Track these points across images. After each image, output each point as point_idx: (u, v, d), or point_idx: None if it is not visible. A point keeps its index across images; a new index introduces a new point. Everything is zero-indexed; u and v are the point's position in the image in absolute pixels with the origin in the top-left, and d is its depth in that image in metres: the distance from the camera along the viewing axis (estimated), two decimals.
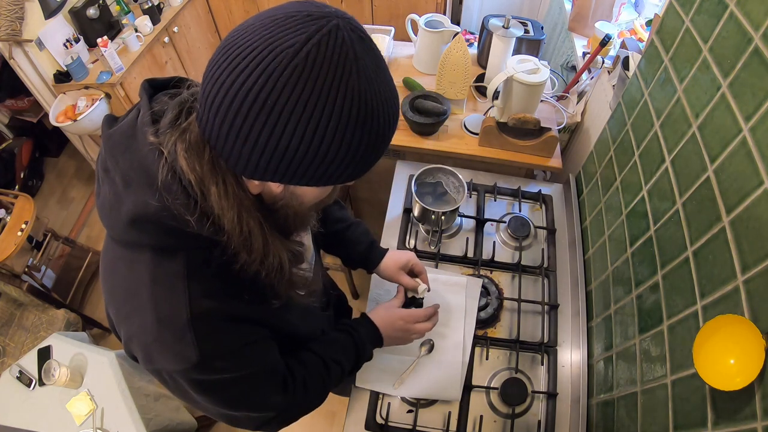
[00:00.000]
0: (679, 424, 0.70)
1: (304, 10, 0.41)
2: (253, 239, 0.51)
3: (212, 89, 0.42)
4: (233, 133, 0.42)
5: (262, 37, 0.40)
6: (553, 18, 2.14)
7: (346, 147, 0.44)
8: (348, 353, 0.80)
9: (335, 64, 0.40)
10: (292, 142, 0.42)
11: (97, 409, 1.30)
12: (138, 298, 0.52)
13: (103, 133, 0.52)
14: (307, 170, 0.45)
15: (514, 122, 1.34)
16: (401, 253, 0.97)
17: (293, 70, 0.39)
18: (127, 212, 0.48)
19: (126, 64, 2.30)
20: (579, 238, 1.25)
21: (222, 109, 0.41)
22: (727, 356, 0.57)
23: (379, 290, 1.12)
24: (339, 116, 0.42)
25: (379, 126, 0.45)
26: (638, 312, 0.89)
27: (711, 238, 0.68)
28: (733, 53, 0.68)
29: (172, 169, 0.46)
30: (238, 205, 0.48)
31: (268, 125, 0.41)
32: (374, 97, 0.44)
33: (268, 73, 0.40)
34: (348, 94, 0.41)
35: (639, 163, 0.97)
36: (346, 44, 0.41)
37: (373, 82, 0.43)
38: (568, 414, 1.01)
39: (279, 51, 0.40)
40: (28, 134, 2.73)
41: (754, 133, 0.62)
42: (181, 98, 0.49)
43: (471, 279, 1.13)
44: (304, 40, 0.40)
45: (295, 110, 0.40)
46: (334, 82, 0.41)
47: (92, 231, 2.59)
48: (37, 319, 1.76)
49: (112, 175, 0.50)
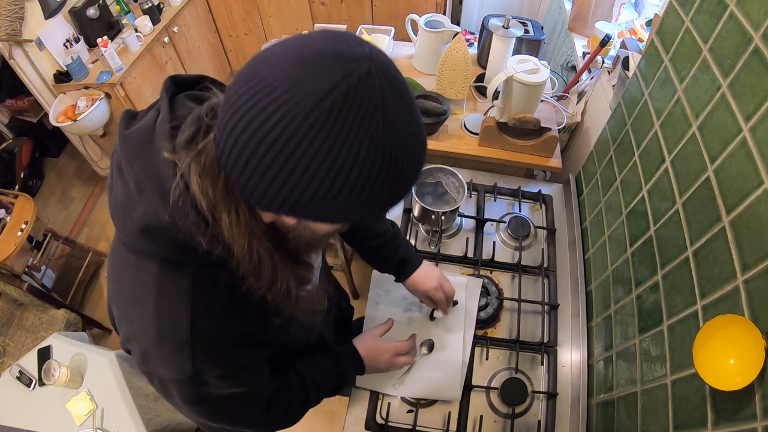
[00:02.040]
0: (679, 424, 0.70)
1: (335, 49, 0.38)
2: (262, 267, 0.50)
3: (231, 119, 0.40)
4: (249, 167, 0.40)
5: (286, 75, 0.38)
6: (553, 18, 2.14)
7: (366, 194, 0.42)
8: (329, 380, 0.83)
9: (360, 117, 0.38)
10: (309, 187, 0.40)
11: (97, 409, 1.30)
12: (142, 306, 0.52)
13: (121, 130, 0.51)
14: (322, 211, 0.43)
15: (514, 122, 1.34)
16: (431, 275, 0.98)
17: (315, 121, 0.37)
18: (138, 219, 0.48)
19: (126, 64, 2.31)
20: (579, 238, 1.25)
21: (240, 142, 0.39)
22: (727, 356, 0.57)
23: (379, 290, 1.12)
24: (360, 169, 0.39)
25: (402, 175, 0.43)
26: (638, 312, 0.89)
27: (711, 238, 0.68)
28: (733, 53, 0.68)
29: (185, 188, 0.45)
30: (250, 233, 0.47)
31: (285, 169, 0.39)
32: (400, 149, 0.41)
33: (288, 118, 0.37)
34: (371, 149, 0.39)
35: (639, 163, 0.97)
36: (375, 95, 0.38)
37: (400, 134, 0.41)
38: (568, 414, 1.01)
39: (302, 96, 0.37)
40: (28, 134, 2.73)
41: (754, 133, 0.62)
42: (199, 113, 0.46)
43: (471, 279, 1.13)
44: (329, 88, 0.37)
45: (314, 160, 0.38)
46: (357, 137, 0.38)
47: (92, 231, 2.59)
48: (37, 319, 1.76)
49: (126, 177, 0.49)
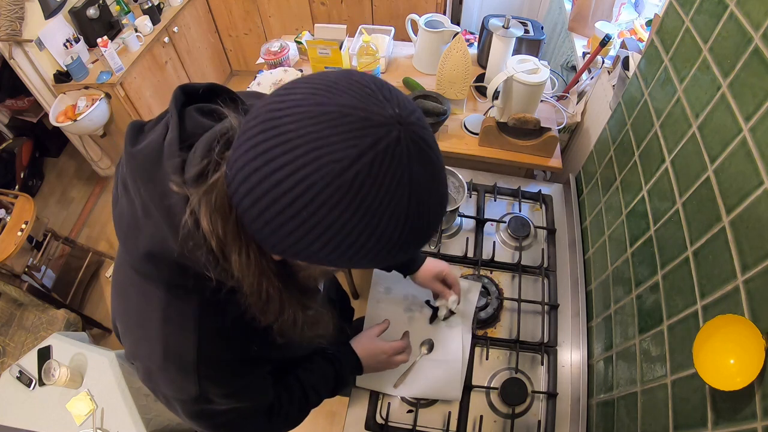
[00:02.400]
0: (679, 424, 0.70)
1: (362, 109, 0.36)
2: (270, 304, 0.49)
3: (245, 167, 0.37)
4: (262, 219, 0.38)
5: (309, 134, 0.35)
6: (553, 18, 2.14)
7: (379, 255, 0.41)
8: (328, 383, 0.83)
9: (386, 187, 0.36)
10: (324, 247, 0.39)
11: (97, 409, 1.30)
12: (147, 329, 0.52)
13: (127, 146, 0.49)
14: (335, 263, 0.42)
15: (514, 122, 1.34)
16: (435, 262, 1.00)
17: (337, 189, 0.35)
18: (144, 244, 0.47)
19: (126, 64, 2.31)
20: (579, 238, 1.25)
21: (254, 194, 0.37)
22: (727, 356, 0.57)
23: (380, 289, 1.12)
24: (379, 237, 0.38)
25: (422, 236, 0.42)
26: (638, 312, 0.89)
27: (711, 238, 0.68)
28: (733, 53, 0.68)
29: (195, 225, 0.42)
30: (260, 273, 0.45)
31: (301, 229, 0.37)
32: (423, 214, 0.40)
33: (308, 183, 0.35)
34: (394, 217, 0.37)
35: (639, 163, 0.97)
36: (402, 164, 0.36)
37: (424, 201, 0.39)
38: (568, 414, 1.01)
39: (324, 162, 0.35)
40: (28, 134, 2.73)
41: (754, 133, 0.62)
42: (210, 141, 0.44)
43: (471, 282, 1.13)
44: (355, 157, 0.34)
45: (332, 227, 0.37)
46: (380, 207, 0.36)
47: (92, 231, 2.59)
48: (37, 319, 1.76)
49: (132, 196, 0.48)
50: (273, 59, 1.76)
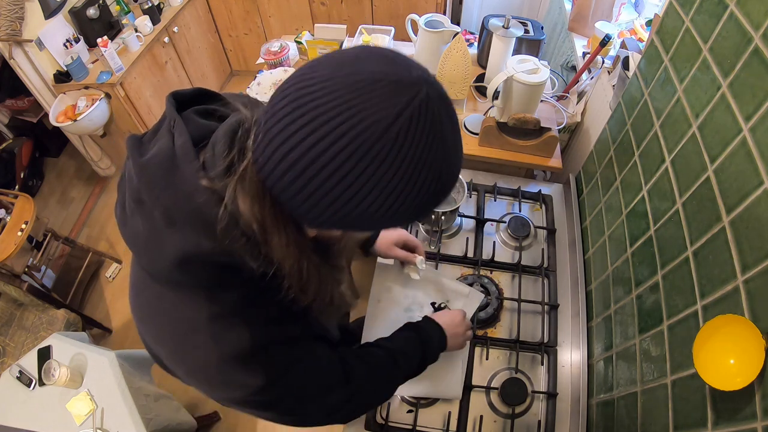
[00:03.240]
0: (679, 424, 0.70)
1: (392, 74, 0.39)
2: (310, 283, 0.51)
3: (283, 144, 0.39)
4: (307, 191, 0.41)
5: (348, 102, 0.38)
6: (553, 18, 2.14)
7: (416, 209, 0.44)
8: (414, 347, 0.82)
9: (423, 141, 0.40)
10: (370, 207, 0.42)
11: (97, 409, 1.30)
12: (195, 338, 0.51)
13: (134, 159, 0.48)
14: (376, 225, 0.45)
15: (514, 122, 1.34)
16: (391, 231, 1.03)
17: (384, 145, 0.38)
18: (174, 253, 0.46)
19: (126, 64, 2.31)
20: (579, 238, 1.25)
21: (297, 166, 0.39)
22: (727, 356, 0.57)
23: (381, 288, 1.12)
24: (420, 189, 0.42)
25: (446, 190, 0.47)
26: (638, 312, 0.89)
27: (711, 238, 0.68)
28: (733, 53, 0.68)
29: (230, 216, 0.44)
30: (300, 252, 0.48)
31: (350, 191, 0.40)
32: (449, 169, 0.44)
33: (357, 143, 0.38)
34: (430, 170, 0.42)
35: (639, 163, 0.97)
36: (435, 119, 0.40)
37: (450, 155, 0.43)
38: (568, 414, 1.01)
39: (369, 123, 0.38)
40: (28, 134, 2.73)
41: (754, 133, 0.62)
42: (228, 133, 0.46)
43: (473, 291, 1.12)
44: (395, 115, 0.38)
45: (381, 181, 0.40)
46: (420, 160, 0.40)
47: (92, 231, 2.59)
48: (37, 319, 1.76)
49: (149, 209, 0.47)
50: (273, 59, 1.76)
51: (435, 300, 1.10)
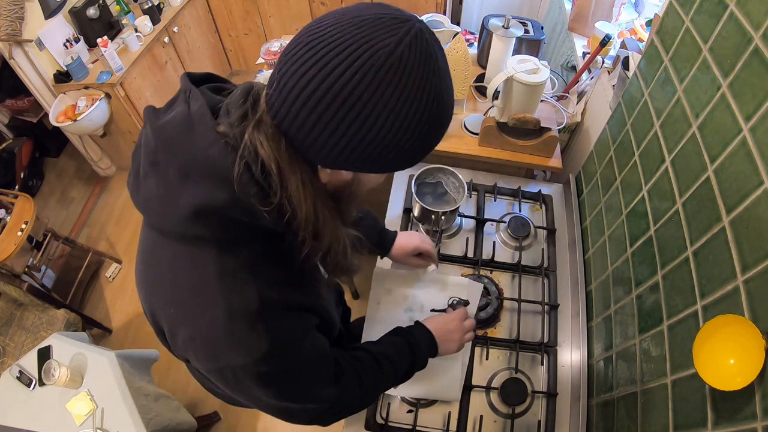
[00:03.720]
0: (679, 424, 0.70)
1: (389, 13, 0.45)
2: (326, 227, 0.53)
3: (297, 83, 0.44)
4: (321, 125, 0.44)
5: (354, 35, 0.43)
6: (553, 18, 2.14)
7: (423, 136, 0.48)
8: (401, 354, 0.81)
9: (423, 63, 0.45)
10: (380, 133, 0.45)
11: (97, 409, 1.30)
12: (205, 294, 0.52)
13: (152, 123, 0.52)
14: (386, 159, 0.48)
15: (514, 122, 1.34)
16: (410, 238, 1.03)
17: (389, 68, 0.43)
18: (187, 205, 0.48)
19: (126, 64, 2.31)
20: (579, 238, 1.25)
21: (311, 102, 0.43)
22: (727, 356, 0.57)
23: (381, 289, 1.12)
24: (423, 110, 0.46)
25: (447, 116, 0.50)
26: (638, 312, 0.89)
27: (711, 238, 0.68)
28: (733, 53, 0.68)
29: (245, 164, 0.47)
30: (315, 194, 0.50)
31: (360, 117, 0.44)
32: (446, 92, 0.48)
33: (365, 69, 0.42)
34: (431, 90, 0.46)
35: (639, 163, 0.97)
36: (429, 46, 0.46)
37: (445, 78, 0.48)
38: (568, 414, 1.01)
39: (375, 50, 0.43)
40: (28, 134, 2.73)
41: (754, 133, 0.62)
42: (241, 93, 0.50)
43: (472, 282, 1.13)
44: (397, 41, 0.43)
45: (388, 104, 0.44)
46: (422, 80, 0.45)
47: (92, 231, 2.59)
48: (37, 319, 1.76)
49: (164, 169, 0.49)
50: (273, 59, 1.76)
51: (435, 299, 1.09)
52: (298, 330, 0.58)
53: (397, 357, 0.79)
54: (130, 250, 2.45)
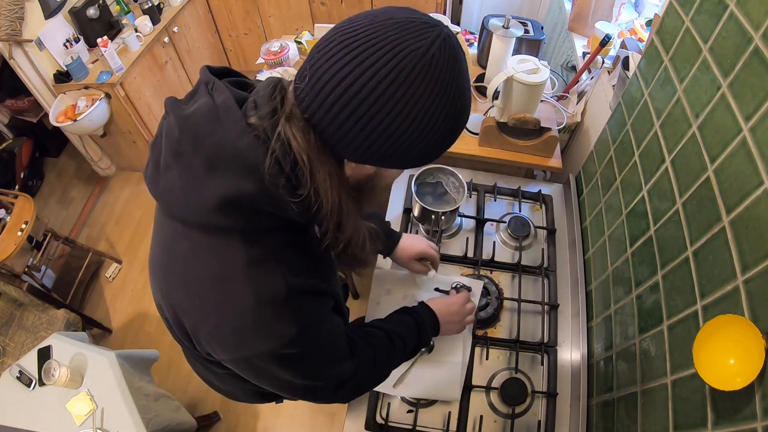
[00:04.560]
0: (679, 424, 0.70)
1: (420, 17, 0.48)
2: (349, 219, 0.54)
3: (332, 79, 0.45)
4: (353, 120, 0.46)
5: (389, 36, 0.45)
6: (553, 18, 2.14)
7: (446, 133, 0.51)
8: (410, 331, 0.83)
9: (451, 65, 0.47)
10: (408, 130, 0.47)
11: (97, 409, 1.30)
12: (231, 284, 0.52)
13: (176, 113, 0.52)
14: (410, 154, 0.51)
15: (514, 122, 1.34)
16: (417, 242, 1.03)
17: (421, 69, 0.45)
18: (214, 196, 0.48)
19: (126, 64, 2.31)
20: (579, 238, 1.25)
21: (345, 97, 0.45)
22: (727, 356, 0.57)
23: (381, 290, 1.12)
24: (449, 109, 0.49)
25: (467, 114, 0.53)
26: (638, 312, 0.89)
27: (711, 238, 0.68)
28: (733, 53, 0.68)
29: (274, 157, 0.48)
30: (340, 185, 0.52)
31: (391, 115, 0.46)
32: (468, 91, 0.52)
33: (399, 69, 0.45)
34: (457, 90, 0.49)
35: (639, 163, 0.97)
36: (455, 49, 0.48)
37: (466, 79, 0.51)
38: (568, 414, 1.01)
39: (409, 51, 0.45)
40: (28, 134, 2.73)
41: (754, 133, 0.62)
42: (265, 88, 0.51)
43: (472, 280, 1.13)
44: (429, 44, 0.46)
45: (418, 102, 0.46)
46: (449, 81, 0.48)
47: (92, 231, 2.59)
48: (37, 319, 1.76)
49: (188, 159, 0.50)
50: (273, 59, 1.76)
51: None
52: (320, 312, 0.60)
53: (407, 335, 0.82)
54: (130, 250, 2.45)
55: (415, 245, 1.03)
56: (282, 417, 1.83)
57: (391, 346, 0.78)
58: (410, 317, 0.85)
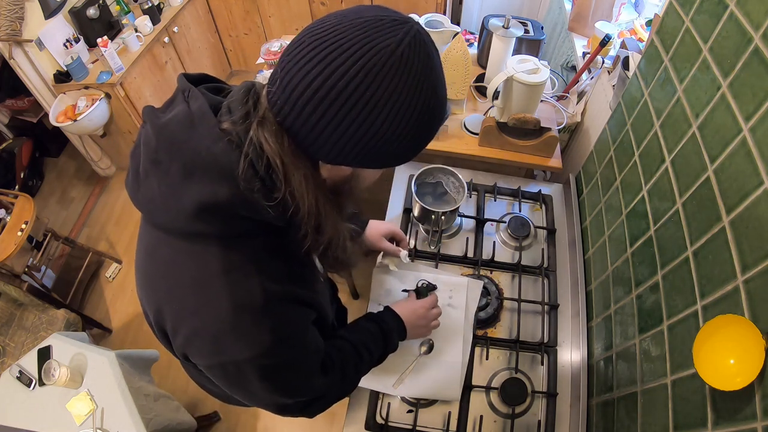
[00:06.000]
0: (679, 424, 0.70)
1: (390, 15, 0.47)
2: (327, 221, 0.54)
3: (302, 81, 0.45)
4: (325, 121, 0.46)
5: (357, 36, 0.45)
6: (553, 18, 2.14)
7: (420, 131, 0.51)
8: (376, 341, 0.83)
9: (421, 63, 0.47)
10: (381, 128, 0.47)
11: (97, 409, 1.30)
12: (209, 289, 0.52)
13: (152, 122, 0.52)
14: (385, 153, 0.50)
15: (514, 122, 1.34)
16: (381, 223, 1.06)
17: (390, 67, 0.45)
18: (192, 202, 0.48)
19: (126, 64, 2.31)
20: (579, 238, 1.25)
21: (315, 99, 0.45)
22: (727, 356, 0.57)
23: (380, 290, 1.12)
24: (422, 106, 0.48)
25: (442, 111, 0.53)
26: (638, 312, 0.89)
27: (711, 238, 0.68)
28: (733, 53, 0.68)
29: (249, 159, 0.48)
30: (316, 188, 0.51)
31: (363, 114, 0.46)
32: (441, 89, 0.51)
33: (368, 68, 0.44)
34: (428, 88, 0.48)
35: (639, 163, 0.97)
36: (426, 46, 0.48)
37: (440, 76, 0.50)
38: (568, 414, 1.01)
39: (377, 50, 0.45)
40: (28, 134, 2.73)
41: (754, 133, 0.62)
42: (239, 94, 0.51)
43: (472, 280, 1.13)
44: (397, 42, 0.45)
45: (389, 100, 0.46)
46: (420, 78, 0.47)
47: (92, 231, 2.59)
48: (37, 319, 1.76)
49: (165, 167, 0.49)
50: (273, 59, 1.76)
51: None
52: (299, 323, 0.59)
53: (373, 345, 0.82)
54: (130, 250, 2.45)
55: (383, 223, 1.06)
56: (282, 417, 1.82)
57: (359, 359, 0.79)
58: (376, 325, 0.85)
